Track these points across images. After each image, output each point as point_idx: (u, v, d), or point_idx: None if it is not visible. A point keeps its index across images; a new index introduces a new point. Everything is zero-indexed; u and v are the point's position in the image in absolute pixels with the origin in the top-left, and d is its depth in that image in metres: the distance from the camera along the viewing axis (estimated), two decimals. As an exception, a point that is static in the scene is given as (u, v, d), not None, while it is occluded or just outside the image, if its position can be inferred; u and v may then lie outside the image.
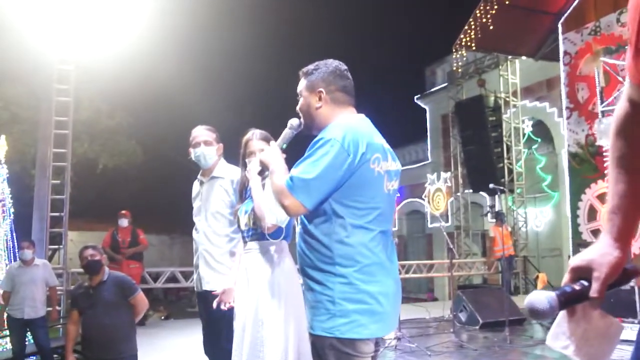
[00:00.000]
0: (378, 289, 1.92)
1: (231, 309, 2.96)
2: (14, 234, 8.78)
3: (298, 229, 2.13)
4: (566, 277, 1.07)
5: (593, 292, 1.02)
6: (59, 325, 7.82)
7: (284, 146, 2.20)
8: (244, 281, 2.82)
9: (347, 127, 1.96)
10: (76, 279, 8.86)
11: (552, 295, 1.01)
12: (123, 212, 8.53)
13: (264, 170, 2.56)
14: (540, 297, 1.01)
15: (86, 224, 19.54)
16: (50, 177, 8.35)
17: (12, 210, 8.70)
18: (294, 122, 2.23)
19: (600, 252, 1.05)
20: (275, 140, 2.29)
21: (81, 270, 9.32)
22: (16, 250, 8.59)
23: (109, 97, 15.83)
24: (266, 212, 2.57)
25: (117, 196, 18.79)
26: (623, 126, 1.10)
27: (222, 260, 3.22)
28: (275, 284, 2.73)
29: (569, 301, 1.03)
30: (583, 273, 1.04)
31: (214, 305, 2.97)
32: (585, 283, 1.03)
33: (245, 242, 2.91)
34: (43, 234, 8.15)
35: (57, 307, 6.88)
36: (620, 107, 1.12)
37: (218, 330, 3.16)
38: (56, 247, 8.94)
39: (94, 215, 19.27)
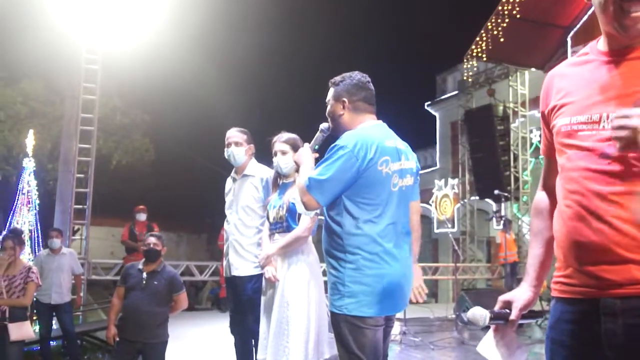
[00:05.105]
0: (382, 274, 2.24)
1: (257, 294, 3.32)
2: (38, 224, 9.20)
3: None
4: (497, 306, 1.55)
5: (512, 316, 1.51)
6: (79, 313, 8.16)
7: (316, 147, 2.47)
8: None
9: (360, 135, 2.30)
10: (96, 270, 9.22)
11: (487, 311, 1.52)
12: (141, 207, 8.80)
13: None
14: (480, 311, 1.52)
15: (96, 219, 19.74)
16: (75, 171, 8.68)
17: (37, 202, 9.12)
18: (323, 126, 2.53)
19: (520, 292, 1.54)
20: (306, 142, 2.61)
21: (101, 260, 9.77)
22: (39, 239, 9.00)
23: (126, 95, 16.05)
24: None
25: (128, 193, 18.89)
26: (538, 210, 1.59)
27: (250, 249, 3.58)
28: (299, 270, 3.09)
29: (496, 318, 1.52)
30: (508, 305, 1.53)
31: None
32: (508, 311, 1.53)
33: (273, 234, 3.26)
34: (66, 225, 8.47)
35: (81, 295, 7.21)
36: (537, 194, 1.61)
37: (244, 311, 3.52)
38: (76, 238, 9.30)
39: (105, 211, 19.38)
